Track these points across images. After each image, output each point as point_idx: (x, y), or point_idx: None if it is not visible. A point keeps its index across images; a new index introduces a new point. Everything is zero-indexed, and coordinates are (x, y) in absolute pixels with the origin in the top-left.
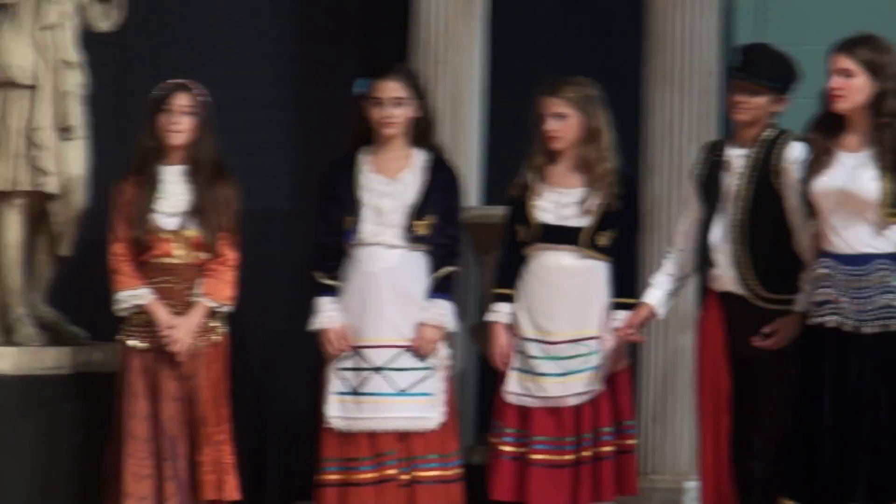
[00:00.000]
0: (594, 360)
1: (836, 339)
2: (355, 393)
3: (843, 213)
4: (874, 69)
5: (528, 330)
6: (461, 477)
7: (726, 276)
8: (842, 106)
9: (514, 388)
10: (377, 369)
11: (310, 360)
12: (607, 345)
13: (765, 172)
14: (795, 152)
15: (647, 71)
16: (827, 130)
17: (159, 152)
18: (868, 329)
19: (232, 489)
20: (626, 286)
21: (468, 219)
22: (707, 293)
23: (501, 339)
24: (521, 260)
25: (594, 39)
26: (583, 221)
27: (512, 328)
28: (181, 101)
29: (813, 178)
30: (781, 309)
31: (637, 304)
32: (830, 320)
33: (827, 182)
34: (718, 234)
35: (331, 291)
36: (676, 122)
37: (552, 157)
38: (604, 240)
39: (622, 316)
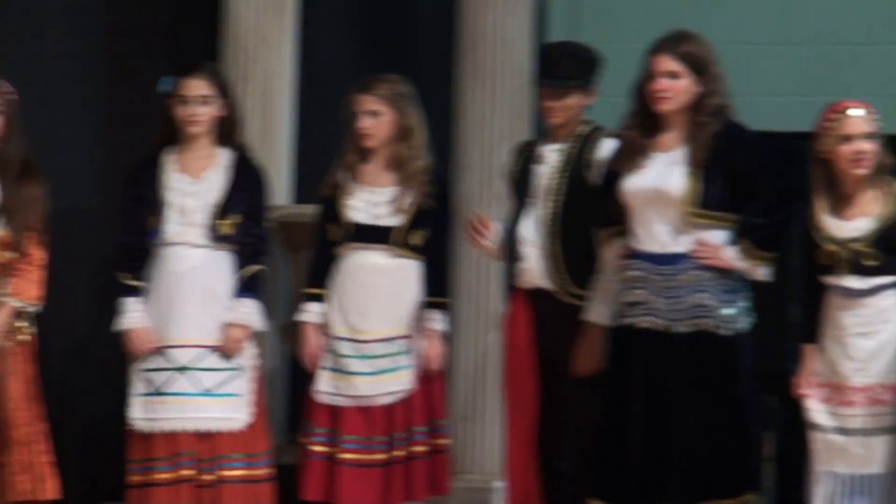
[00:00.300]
0: (406, 359)
1: (648, 339)
2: (159, 393)
3: (654, 213)
4: (698, 69)
5: (339, 329)
6: (271, 477)
7: (535, 271)
8: (667, 107)
9: (324, 387)
10: (181, 369)
11: (115, 361)
12: (420, 344)
13: (578, 167)
14: (608, 150)
15: (459, 69)
16: (641, 128)
17: None
18: (680, 328)
19: (52, 489)
20: (439, 285)
21: (278, 217)
22: (514, 290)
23: (312, 339)
24: (332, 259)
25: (405, 37)
26: (395, 220)
27: (323, 327)
28: None
29: (624, 177)
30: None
31: (449, 302)
32: (642, 321)
33: (637, 181)
34: (529, 228)
35: (135, 292)
36: (488, 120)
37: (364, 155)
38: (416, 239)
39: (434, 315)
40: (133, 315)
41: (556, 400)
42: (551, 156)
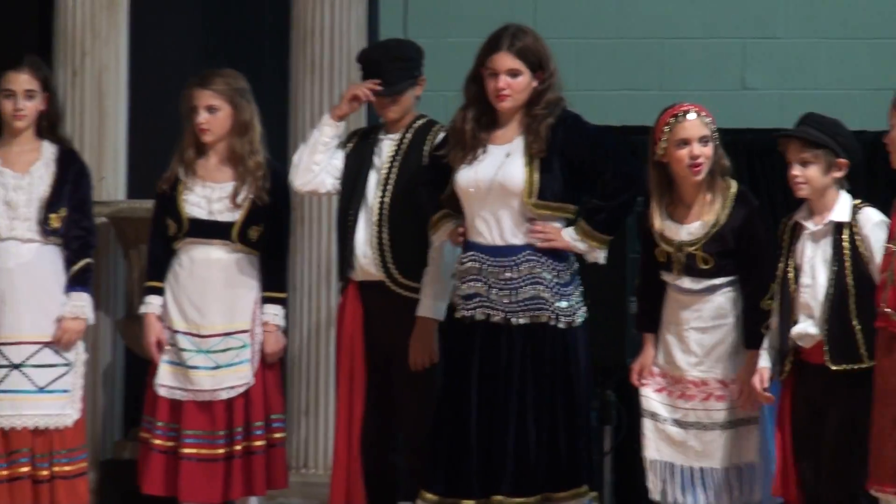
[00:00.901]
0: (245, 354)
1: (484, 331)
2: None
3: (491, 204)
4: (536, 64)
5: (178, 323)
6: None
7: (366, 260)
8: (508, 105)
9: (165, 381)
10: (16, 366)
11: None
12: (258, 338)
13: (410, 158)
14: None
15: (294, 63)
16: (476, 121)
17: None
18: (517, 320)
19: None
20: (277, 280)
21: (115, 212)
22: (347, 284)
23: (155, 330)
24: (171, 253)
25: (240, 31)
26: (233, 216)
27: (163, 321)
28: None
29: (459, 170)
30: (417, 297)
31: (286, 297)
32: (479, 313)
33: (474, 174)
34: (361, 217)
35: None
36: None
37: (201, 150)
38: (253, 234)
39: (272, 310)
40: None
41: (387, 393)
42: (385, 146)
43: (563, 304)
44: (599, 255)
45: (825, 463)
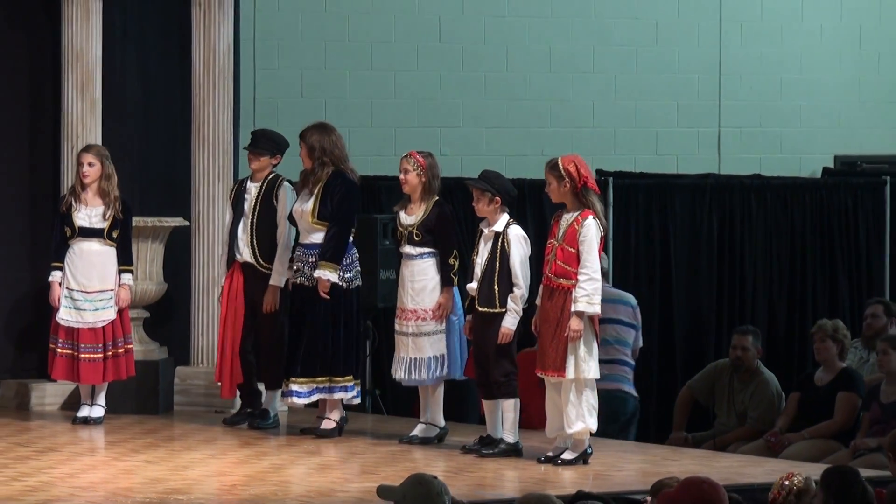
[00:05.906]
0: (111, 302)
1: (303, 290)
2: None
3: (303, 221)
4: (312, 147)
5: (73, 284)
6: None
7: (243, 252)
8: (306, 166)
9: (65, 316)
10: None
11: None
12: (116, 292)
13: (266, 198)
14: (287, 190)
15: (193, 141)
16: (304, 176)
17: None
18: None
19: None
20: (126, 259)
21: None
22: (233, 263)
23: (56, 290)
24: (67, 246)
25: (158, 125)
26: (103, 224)
27: (62, 284)
28: None
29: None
30: (269, 272)
31: (134, 268)
32: (300, 280)
33: (298, 206)
34: (240, 230)
35: None
36: (210, 169)
37: (84, 187)
38: (115, 234)
39: (126, 276)
40: None
41: (254, 324)
42: (251, 189)
43: (347, 274)
44: (329, 275)
45: (488, 358)
